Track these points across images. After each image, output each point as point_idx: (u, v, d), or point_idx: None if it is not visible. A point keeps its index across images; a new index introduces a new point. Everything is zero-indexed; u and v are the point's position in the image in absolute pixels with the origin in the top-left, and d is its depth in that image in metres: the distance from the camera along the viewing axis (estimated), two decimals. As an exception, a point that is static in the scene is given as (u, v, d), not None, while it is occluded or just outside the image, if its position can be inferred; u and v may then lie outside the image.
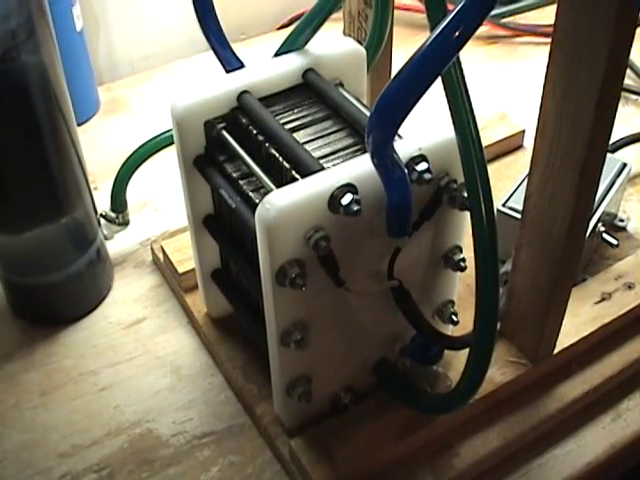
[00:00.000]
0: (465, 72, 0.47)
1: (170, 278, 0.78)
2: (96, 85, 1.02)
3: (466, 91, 0.48)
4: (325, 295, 0.55)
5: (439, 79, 0.45)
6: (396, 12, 0.69)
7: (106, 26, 1.08)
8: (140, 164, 0.76)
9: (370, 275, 0.56)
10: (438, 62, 0.43)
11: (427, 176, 0.52)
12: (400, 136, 0.57)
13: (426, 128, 0.54)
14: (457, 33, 0.41)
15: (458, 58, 0.47)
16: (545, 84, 0.52)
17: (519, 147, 0.92)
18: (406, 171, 0.49)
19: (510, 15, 1.17)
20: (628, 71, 1.05)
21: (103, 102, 1.03)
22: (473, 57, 1.10)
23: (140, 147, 0.75)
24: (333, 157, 0.56)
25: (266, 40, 1.12)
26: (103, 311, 0.77)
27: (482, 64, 1.09)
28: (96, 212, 0.75)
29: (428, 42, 0.42)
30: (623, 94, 1.02)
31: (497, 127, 0.92)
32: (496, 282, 0.51)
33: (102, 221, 0.78)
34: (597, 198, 0.75)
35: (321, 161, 0.55)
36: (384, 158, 0.47)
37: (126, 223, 0.80)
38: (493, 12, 1.19)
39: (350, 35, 0.72)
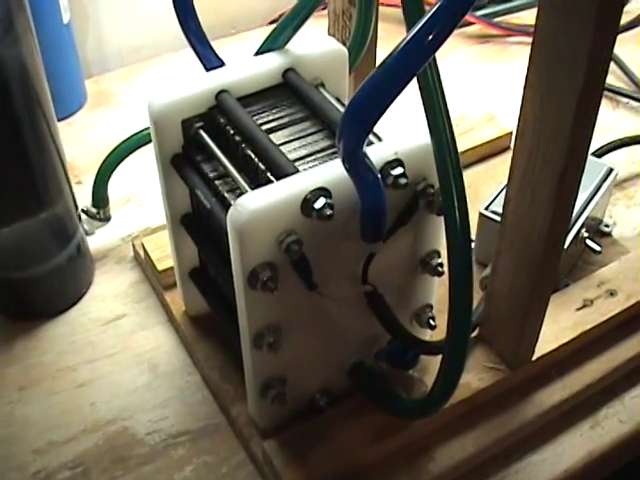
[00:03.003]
0: (455, 71, 0.47)
1: (150, 275, 0.77)
2: (83, 78, 1.01)
3: (442, 95, 0.47)
4: (298, 298, 0.54)
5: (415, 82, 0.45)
6: (382, 9, 0.68)
7: (95, 18, 1.07)
8: (121, 160, 0.75)
9: (344, 279, 0.56)
10: (411, 66, 0.42)
11: (402, 181, 0.51)
12: (380, 138, 0.56)
13: (403, 132, 0.53)
14: (430, 37, 0.41)
15: (435, 61, 0.47)
16: (525, 88, 0.51)
17: (507, 149, 0.91)
18: (379, 176, 0.49)
19: (503, 14, 1.16)
20: (620, 73, 1.04)
21: (91, 95, 1.02)
22: (464, 56, 1.09)
23: (122, 143, 0.75)
24: (310, 159, 0.56)
25: (257, 35, 1.10)
26: (83, 307, 0.77)
27: (473, 63, 1.08)
28: (77, 207, 0.75)
29: (401, 45, 0.41)
30: (614, 97, 1.01)
31: (485, 128, 0.91)
32: (469, 288, 0.51)
33: (83, 216, 0.77)
34: (582, 203, 0.75)
35: (297, 163, 0.54)
36: (355, 163, 0.46)
37: (107, 219, 0.80)
38: (486, 11, 1.19)
39: (334, 34, 0.72)
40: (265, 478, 0.62)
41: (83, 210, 0.78)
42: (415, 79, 0.44)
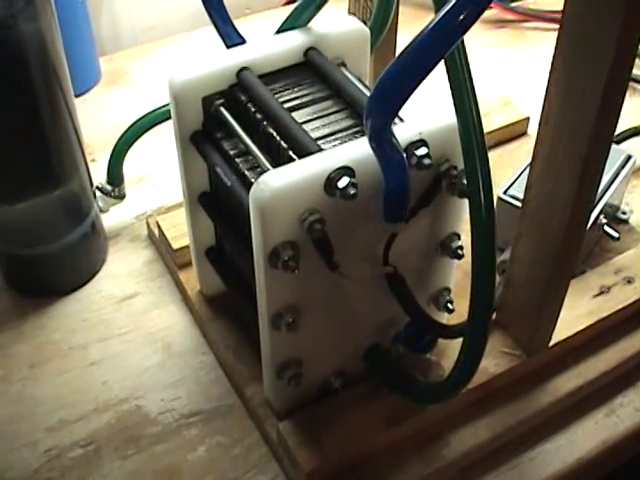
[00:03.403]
0: (471, 56, 0.46)
1: (165, 254, 0.77)
2: (97, 55, 1.01)
3: (469, 76, 0.47)
4: (318, 279, 0.54)
5: (442, 63, 0.44)
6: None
7: (110, -5, 1.06)
8: (137, 138, 0.75)
9: (365, 260, 0.55)
10: (441, 46, 0.41)
11: (426, 161, 0.51)
12: (402, 119, 0.56)
13: (428, 112, 0.53)
14: (462, 16, 0.40)
15: (462, 42, 0.46)
16: (550, 73, 0.50)
17: (523, 134, 0.91)
18: (405, 156, 0.48)
19: (519, -1, 1.15)
20: (637, 60, 1.03)
21: (104, 73, 1.02)
22: (480, 41, 1.08)
23: (138, 120, 0.74)
24: (332, 138, 0.55)
25: (271, 16, 1.11)
26: (96, 285, 0.76)
27: (489, 48, 1.08)
28: (92, 184, 0.74)
29: (431, 25, 0.40)
30: (630, 85, 1.00)
31: (501, 113, 0.90)
32: (492, 272, 0.50)
33: (98, 194, 0.77)
34: (600, 189, 0.74)
35: (319, 142, 0.53)
36: (382, 142, 0.46)
37: (122, 197, 0.79)
38: (503, -5, 1.17)
39: (355, 14, 0.71)
40: (279, 459, 0.62)
41: (98, 187, 0.77)
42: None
